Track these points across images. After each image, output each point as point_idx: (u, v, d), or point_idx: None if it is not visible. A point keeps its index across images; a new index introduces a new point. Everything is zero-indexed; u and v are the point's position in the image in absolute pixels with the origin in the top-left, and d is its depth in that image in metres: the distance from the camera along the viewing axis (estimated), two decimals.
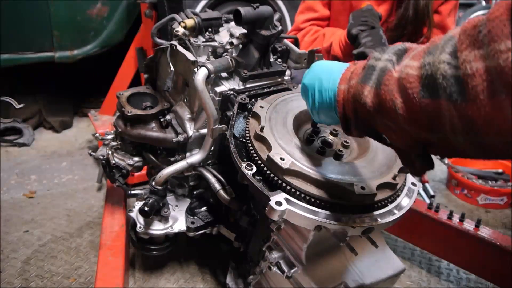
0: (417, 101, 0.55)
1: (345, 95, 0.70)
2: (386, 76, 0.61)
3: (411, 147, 0.63)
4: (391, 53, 0.64)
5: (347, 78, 0.72)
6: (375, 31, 1.42)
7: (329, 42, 1.61)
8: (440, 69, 0.51)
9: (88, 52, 2.50)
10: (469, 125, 0.51)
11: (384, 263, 1.08)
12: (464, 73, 0.48)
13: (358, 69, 0.69)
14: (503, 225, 2.05)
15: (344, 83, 0.72)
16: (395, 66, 0.61)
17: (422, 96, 0.54)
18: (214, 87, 1.19)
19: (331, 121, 0.81)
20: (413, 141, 0.62)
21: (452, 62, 0.50)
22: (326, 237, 0.95)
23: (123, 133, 1.32)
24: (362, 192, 0.86)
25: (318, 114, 0.81)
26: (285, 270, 0.99)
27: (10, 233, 1.73)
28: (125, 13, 2.48)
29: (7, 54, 2.30)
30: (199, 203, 1.36)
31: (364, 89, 0.64)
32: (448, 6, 1.64)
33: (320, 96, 0.78)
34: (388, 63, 0.62)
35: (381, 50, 0.67)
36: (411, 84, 0.55)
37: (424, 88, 0.54)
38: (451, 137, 0.54)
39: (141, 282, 1.53)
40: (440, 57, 0.51)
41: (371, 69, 0.65)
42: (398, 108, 0.58)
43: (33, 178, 2.13)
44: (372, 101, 0.63)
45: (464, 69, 0.48)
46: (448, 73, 0.50)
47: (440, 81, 0.51)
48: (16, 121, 2.53)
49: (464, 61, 0.48)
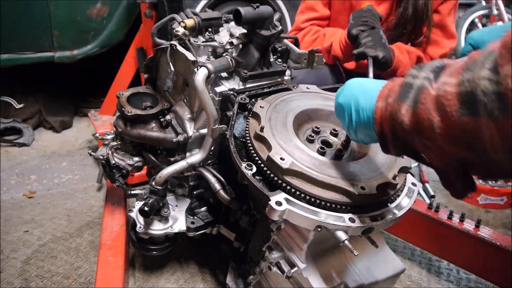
0: (456, 119, 0.53)
1: (383, 113, 0.69)
2: (423, 95, 0.60)
3: (450, 167, 0.62)
4: (429, 70, 0.62)
5: (384, 95, 0.70)
6: (375, 31, 1.42)
7: (330, 42, 1.61)
8: (481, 86, 0.49)
9: (88, 52, 2.50)
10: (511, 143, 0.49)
11: (384, 263, 1.08)
12: (506, 88, 0.47)
13: (396, 86, 0.68)
14: (503, 225, 2.05)
15: (381, 100, 0.71)
16: (432, 84, 0.60)
17: (461, 113, 0.52)
18: (214, 87, 1.19)
19: (369, 140, 0.80)
20: (452, 161, 0.60)
21: (493, 78, 0.48)
22: (326, 237, 0.95)
23: (123, 133, 1.32)
24: (362, 192, 0.86)
25: (356, 133, 0.80)
26: (285, 270, 0.99)
27: (10, 233, 1.73)
28: (125, 13, 2.48)
29: (7, 54, 2.30)
30: (199, 203, 1.36)
31: (401, 107, 0.63)
32: (448, 5, 1.64)
33: (357, 115, 0.76)
34: (425, 81, 0.61)
35: (418, 67, 0.65)
36: (449, 101, 0.54)
37: (463, 106, 0.52)
38: (492, 156, 0.53)
39: (141, 282, 1.53)
40: (480, 73, 0.50)
41: (408, 87, 0.64)
42: (436, 127, 0.57)
43: (33, 178, 2.13)
44: (410, 120, 0.62)
45: (506, 84, 0.47)
46: (489, 89, 0.49)
47: (480, 98, 0.49)
48: (16, 121, 2.53)
49: (506, 76, 0.47)
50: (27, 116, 2.61)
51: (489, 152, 0.52)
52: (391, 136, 0.69)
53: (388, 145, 0.71)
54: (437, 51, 1.66)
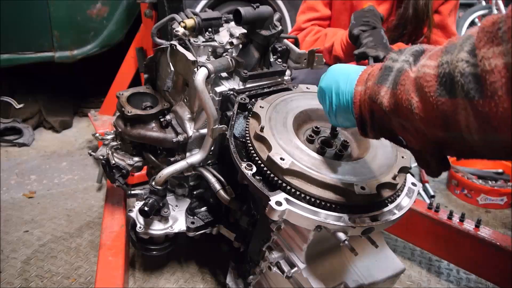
0: (434, 100, 0.55)
1: (362, 96, 0.70)
2: (402, 76, 0.61)
3: (426, 148, 0.64)
4: (408, 54, 0.64)
5: (364, 79, 0.72)
6: (377, 31, 1.42)
7: (331, 42, 1.61)
8: (458, 67, 0.51)
9: (88, 52, 2.50)
10: (485, 123, 0.50)
11: (384, 263, 1.08)
12: (483, 70, 0.48)
13: (375, 70, 0.70)
14: (503, 225, 2.05)
15: (361, 84, 0.72)
16: (412, 67, 0.61)
17: (438, 94, 0.54)
18: (214, 87, 1.19)
19: (348, 124, 0.81)
20: (429, 141, 0.62)
21: (471, 60, 0.50)
22: (326, 237, 0.95)
23: (123, 133, 1.32)
24: (362, 192, 0.86)
25: (336, 117, 0.81)
26: (285, 270, 0.99)
27: (10, 233, 1.73)
28: (125, 13, 2.48)
29: (7, 54, 2.30)
30: (199, 203, 1.36)
31: (380, 89, 0.65)
32: (449, 6, 1.64)
33: (338, 98, 0.77)
34: (405, 63, 0.63)
35: (398, 52, 0.67)
36: (428, 83, 0.55)
37: (441, 87, 0.54)
38: (466, 136, 0.54)
39: (141, 282, 1.53)
40: (458, 56, 0.52)
41: (388, 70, 0.65)
42: (414, 107, 0.58)
43: (33, 178, 2.13)
44: (389, 101, 0.63)
45: (482, 66, 0.48)
46: (466, 71, 0.50)
47: (457, 79, 0.51)
48: (16, 121, 2.53)
49: (483, 58, 0.48)
50: (27, 116, 2.61)
51: (464, 133, 0.54)
52: (370, 118, 0.70)
53: (366, 127, 0.72)
54: None
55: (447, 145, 0.61)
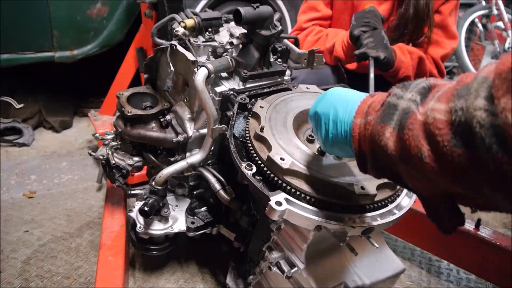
0: (448, 150, 0.48)
1: (361, 131, 0.65)
2: (410, 120, 0.54)
3: (438, 198, 0.58)
4: (414, 91, 0.58)
5: (363, 111, 0.66)
6: (377, 32, 1.42)
7: (332, 42, 1.61)
8: (477, 117, 0.45)
9: (88, 52, 2.49)
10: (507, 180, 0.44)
11: (384, 263, 1.07)
12: (505, 123, 0.43)
13: (376, 103, 0.64)
14: (503, 225, 2.05)
15: (360, 117, 0.66)
16: (419, 108, 0.55)
17: (453, 145, 0.48)
18: (214, 87, 1.19)
19: (344, 155, 0.75)
20: (441, 192, 0.56)
21: (490, 109, 0.44)
22: (326, 237, 0.95)
23: (123, 133, 1.32)
24: (362, 192, 0.86)
25: (332, 147, 0.75)
26: (285, 270, 0.99)
27: (10, 233, 1.73)
28: (125, 13, 2.48)
29: (7, 54, 2.30)
30: (199, 203, 1.36)
31: (385, 130, 0.58)
32: (449, 6, 1.64)
33: (335, 127, 0.71)
34: (411, 103, 0.56)
35: (402, 87, 0.61)
36: (440, 130, 0.49)
37: (456, 137, 0.47)
38: (487, 192, 0.48)
39: (141, 282, 1.53)
40: (475, 103, 0.46)
41: (392, 108, 0.58)
42: (425, 156, 0.52)
43: (33, 178, 2.13)
44: (395, 146, 0.57)
45: (504, 119, 0.43)
46: (486, 121, 0.44)
47: (476, 130, 0.45)
48: (16, 121, 2.53)
49: (504, 110, 0.43)
50: (27, 116, 2.61)
51: (485, 189, 0.48)
52: (371, 157, 0.64)
53: (366, 165, 0.67)
54: (439, 52, 1.66)
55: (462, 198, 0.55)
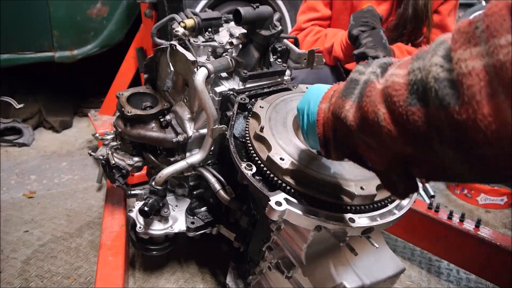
0: (403, 109, 0.49)
1: (325, 113, 0.66)
2: (368, 88, 0.56)
3: (392, 167, 0.58)
4: (376, 65, 0.60)
5: (329, 96, 0.68)
6: (376, 32, 1.42)
7: (331, 42, 1.61)
8: (432, 72, 0.46)
9: (88, 52, 2.50)
10: (461, 133, 0.44)
11: (384, 263, 1.07)
12: (459, 73, 0.43)
13: (341, 86, 0.65)
14: (503, 225, 2.05)
15: (325, 102, 0.68)
16: (379, 79, 0.57)
17: (409, 104, 0.48)
18: (214, 87, 1.19)
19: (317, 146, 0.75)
20: (395, 159, 0.56)
21: (446, 65, 0.45)
22: (326, 237, 0.95)
23: (123, 133, 1.32)
24: (362, 192, 0.86)
25: (308, 138, 0.78)
26: (285, 270, 0.99)
27: (10, 233, 1.73)
28: (125, 13, 2.48)
29: (7, 54, 2.30)
30: (199, 203, 1.36)
31: (345, 103, 0.60)
32: (448, 6, 1.64)
33: (307, 119, 0.74)
34: (371, 75, 0.58)
35: (365, 64, 0.62)
36: (397, 91, 0.50)
37: (412, 95, 0.48)
38: (439, 150, 0.48)
39: (141, 282, 1.53)
40: (431, 60, 0.47)
41: (354, 83, 0.60)
42: (381, 119, 0.52)
43: (33, 178, 2.13)
44: (354, 116, 0.58)
45: (458, 69, 0.43)
46: (440, 76, 0.45)
47: (431, 85, 0.46)
48: (16, 121, 2.53)
49: (459, 60, 0.43)
50: (27, 116, 2.61)
51: (436, 146, 0.48)
52: (333, 137, 0.65)
53: (329, 147, 0.68)
54: None
55: (415, 164, 0.55)
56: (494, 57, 0.40)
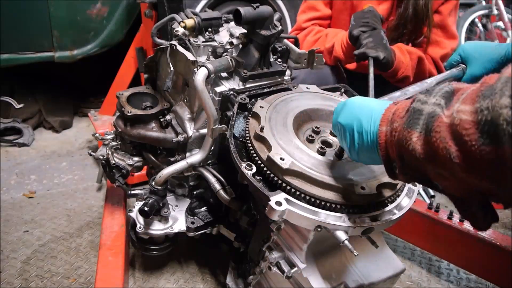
0: (476, 149, 0.50)
1: (388, 138, 0.68)
2: (436, 123, 0.57)
3: (469, 196, 0.60)
4: (439, 96, 0.60)
5: (388, 119, 0.69)
6: (376, 32, 1.42)
7: (332, 43, 1.61)
8: (503, 115, 0.47)
9: (88, 52, 2.50)
10: None
11: (384, 263, 1.07)
12: None
13: (401, 110, 0.67)
14: (503, 225, 2.05)
15: (385, 124, 0.69)
16: (444, 111, 0.57)
17: (481, 143, 0.50)
18: (214, 87, 1.19)
19: (371, 162, 0.79)
20: (472, 190, 0.58)
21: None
22: (326, 237, 0.95)
23: (123, 133, 1.32)
24: (362, 192, 0.86)
25: (358, 155, 0.78)
26: (285, 270, 0.99)
27: (10, 233, 1.73)
28: (125, 13, 2.48)
29: (7, 54, 2.30)
30: (199, 203, 1.36)
31: (411, 135, 0.61)
32: (449, 6, 1.64)
33: (361, 138, 0.75)
34: (436, 107, 0.59)
35: (426, 92, 0.63)
36: (467, 130, 0.51)
37: (484, 135, 0.50)
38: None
39: (141, 282, 1.53)
40: (500, 101, 0.48)
41: (418, 113, 0.61)
42: (454, 156, 0.54)
43: (33, 178, 2.13)
44: (423, 149, 0.59)
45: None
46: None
47: (504, 127, 0.47)
48: (16, 121, 2.53)
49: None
50: (27, 116, 2.61)
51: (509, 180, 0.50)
52: (399, 162, 0.66)
53: (395, 171, 0.70)
54: (438, 52, 1.66)
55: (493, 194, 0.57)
56: None
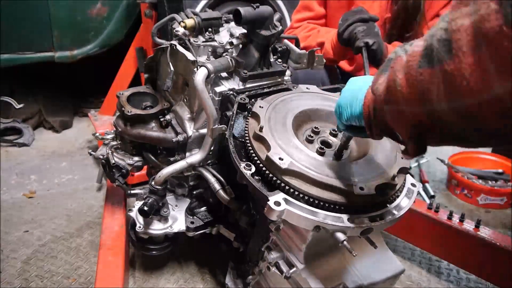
0: (415, 73, 0.55)
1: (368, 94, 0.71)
2: (394, 60, 0.62)
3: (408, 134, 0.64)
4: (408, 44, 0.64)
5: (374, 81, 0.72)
6: (369, 24, 1.42)
7: (322, 39, 1.62)
8: (437, 35, 0.52)
9: (88, 52, 2.50)
10: (450, 84, 0.50)
11: (383, 264, 1.07)
12: (451, 30, 0.49)
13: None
14: (503, 225, 2.04)
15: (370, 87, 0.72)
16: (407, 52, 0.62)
17: (419, 66, 0.54)
18: (214, 87, 1.19)
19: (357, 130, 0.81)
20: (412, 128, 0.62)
21: (445, 26, 0.51)
22: (325, 238, 0.95)
23: (123, 133, 1.32)
24: (361, 193, 0.86)
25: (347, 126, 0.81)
26: (284, 270, 0.99)
27: (10, 233, 1.73)
28: (125, 13, 2.48)
29: (7, 54, 2.30)
30: (199, 203, 1.36)
31: (379, 78, 0.66)
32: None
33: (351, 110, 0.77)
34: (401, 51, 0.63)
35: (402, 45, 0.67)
36: (413, 57, 0.56)
37: (423, 59, 0.54)
38: (437, 107, 0.54)
39: (141, 282, 1.53)
40: (438, 25, 0.52)
41: (388, 61, 0.66)
42: (398, 84, 0.58)
43: (33, 178, 2.14)
44: (383, 87, 0.64)
45: (451, 27, 0.49)
46: (442, 37, 0.51)
47: (434, 46, 0.52)
48: (16, 121, 2.53)
49: (452, 20, 0.49)
50: (27, 116, 2.61)
51: (435, 103, 0.54)
52: (373, 114, 0.70)
53: (371, 126, 0.72)
54: None
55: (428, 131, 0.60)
56: (477, 14, 0.45)
